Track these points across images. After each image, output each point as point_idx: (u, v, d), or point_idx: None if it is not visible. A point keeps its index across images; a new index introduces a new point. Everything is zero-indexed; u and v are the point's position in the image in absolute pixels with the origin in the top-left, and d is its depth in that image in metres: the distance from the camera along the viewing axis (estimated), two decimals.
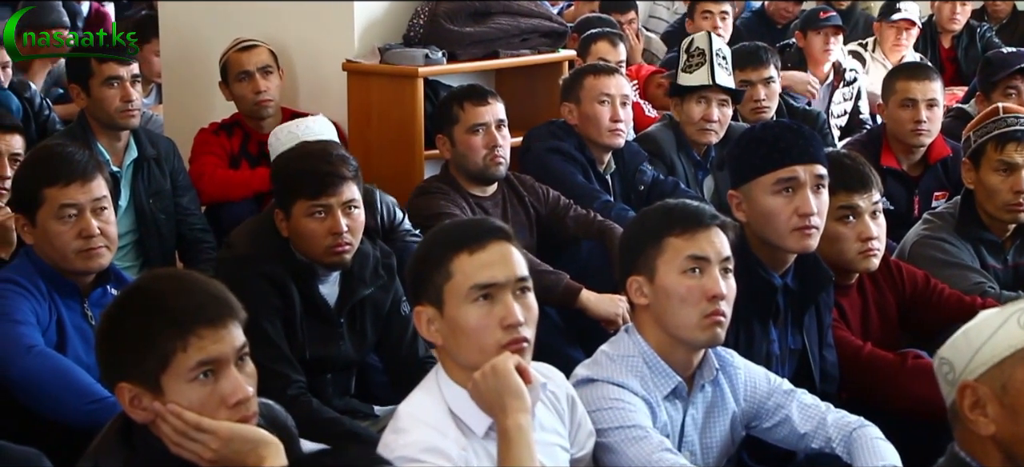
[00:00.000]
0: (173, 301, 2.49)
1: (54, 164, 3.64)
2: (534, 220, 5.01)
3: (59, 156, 3.67)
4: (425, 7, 5.56)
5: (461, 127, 4.85)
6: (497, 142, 4.85)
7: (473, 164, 4.86)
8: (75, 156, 3.66)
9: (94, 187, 3.63)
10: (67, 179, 3.60)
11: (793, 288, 3.67)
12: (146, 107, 6.19)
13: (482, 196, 4.92)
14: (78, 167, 3.62)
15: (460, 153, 4.88)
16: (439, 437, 2.73)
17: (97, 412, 3.29)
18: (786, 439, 3.34)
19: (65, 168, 3.61)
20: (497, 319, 2.76)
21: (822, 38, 7.44)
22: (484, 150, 4.84)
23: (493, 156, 4.85)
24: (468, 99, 4.88)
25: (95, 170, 3.66)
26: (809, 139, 3.63)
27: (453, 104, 4.90)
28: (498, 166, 4.88)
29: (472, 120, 4.84)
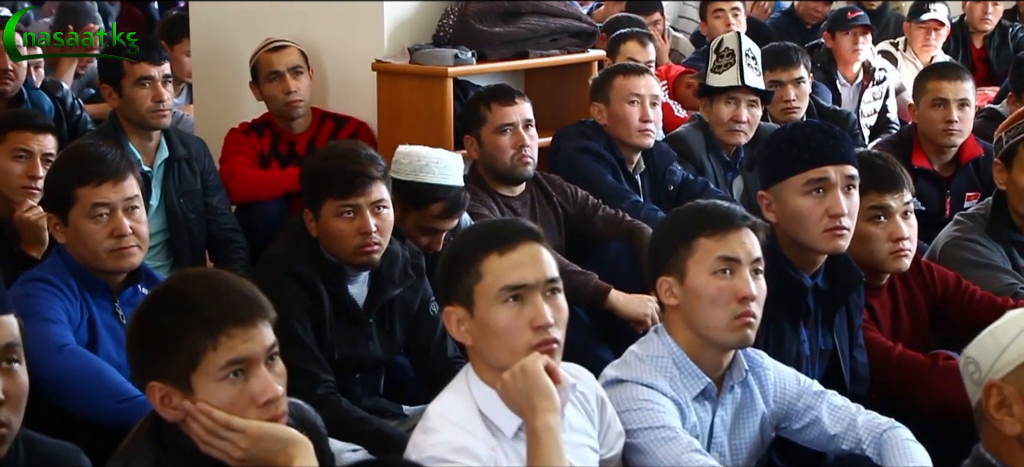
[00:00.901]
0: (204, 300, 2.49)
1: (86, 164, 3.65)
2: (562, 220, 5.01)
3: (91, 156, 3.68)
4: (455, 7, 5.57)
5: (488, 128, 4.86)
6: (524, 142, 4.85)
7: (501, 164, 4.87)
8: (107, 156, 3.68)
9: (126, 186, 3.65)
10: (99, 179, 3.61)
11: (824, 289, 3.65)
12: (177, 107, 6.21)
13: (511, 196, 4.92)
14: (110, 167, 3.63)
15: (488, 153, 4.88)
16: (468, 437, 2.73)
17: (128, 411, 3.31)
18: (816, 440, 3.33)
19: (98, 168, 3.63)
20: (527, 320, 2.76)
21: (850, 38, 7.41)
22: (512, 150, 4.85)
23: (521, 156, 4.86)
24: (495, 99, 4.89)
25: (127, 169, 3.68)
26: (840, 139, 3.62)
27: (480, 105, 4.91)
28: (526, 166, 4.88)
29: (499, 120, 4.85)
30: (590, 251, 4.94)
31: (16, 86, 5.72)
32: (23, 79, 5.78)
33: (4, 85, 5.67)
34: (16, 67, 5.69)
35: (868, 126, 7.26)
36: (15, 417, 2.52)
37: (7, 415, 2.49)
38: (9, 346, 2.52)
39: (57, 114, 6.01)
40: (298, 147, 5.43)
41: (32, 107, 5.66)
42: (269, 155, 5.44)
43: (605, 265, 4.77)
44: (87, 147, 3.78)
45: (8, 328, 2.53)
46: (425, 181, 4.29)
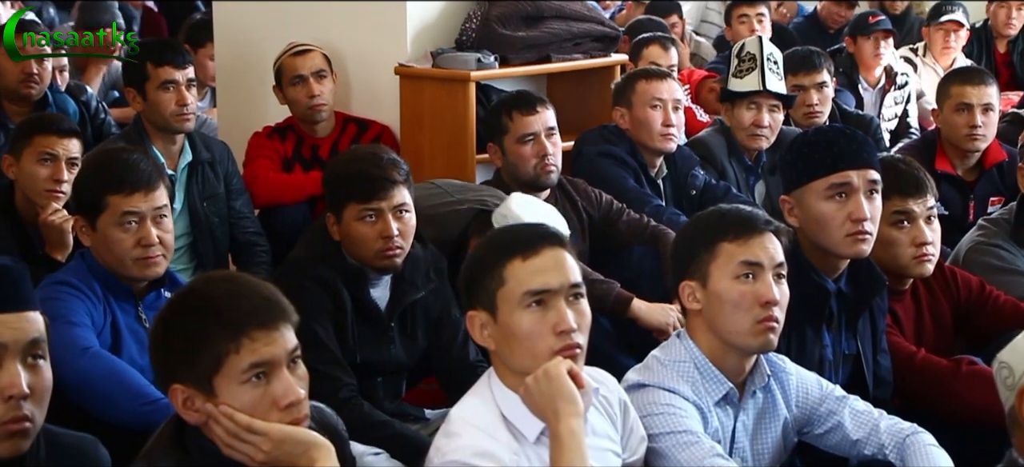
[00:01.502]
0: (226, 303, 2.50)
1: (119, 171, 3.65)
2: (586, 225, 5.00)
3: (124, 163, 3.68)
4: (477, 11, 5.57)
5: (511, 137, 4.86)
6: (547, 151, 4.85)
7: (524, 173, 4.87)
8: (140, 164, 3.68)
9: (157, 196, 3.66)
10: (132, 188, 3.62)
11: (846, 293, 3.65)
12: (201, 111, 6.23)
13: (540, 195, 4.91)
14: (143, 176, 3.64)
15: (511, 162, 4.89)
16: (491, 441, 2.73)
17: (150, 413, 3.31)
18: (838, 445, 3.32)
19: (130, 176, 3.63)
20: (550, 325, 2.76)
21: (872, 42, 7.40)
22: (534, 159, 4.85)
23: (544, 165, 4.86)
24: (517, 109, 4.88)
25: (158, 179, 3.68)
26: (862, 144, 3.61)
27: (502, 114, 4.91)
28: (549, 174, 4.88)
29: (521, 130, 4.85)
30: (613, 256, 4.94)
31: (41, 90, 5.74)
32: (48, 83, 5.80)
33: (29, 89, 5.69)
34: (41, 71, 5.71)
35: (889, 131, 7.24)
36: (39, 412, 2.54)
37: (31, 409, 2.51)
38: (35, 342, 2.54)
39: (81, 118, 6.03)
40: (321, 151, 5.45)
41: (57, 111, 5.68)
42: (292, 159, 5.45)
43: (628, 270, 4.77)
44: (120, 154, 3.78)
45: (34, 324, 2.55)
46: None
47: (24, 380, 2.49)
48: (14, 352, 2.50)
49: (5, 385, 2.47)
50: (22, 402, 2.48)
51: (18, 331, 2.51)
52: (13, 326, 2.51)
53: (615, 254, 4.95)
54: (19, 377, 2.49)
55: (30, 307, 2.56)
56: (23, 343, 2.51)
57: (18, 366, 2.50)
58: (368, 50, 5.67)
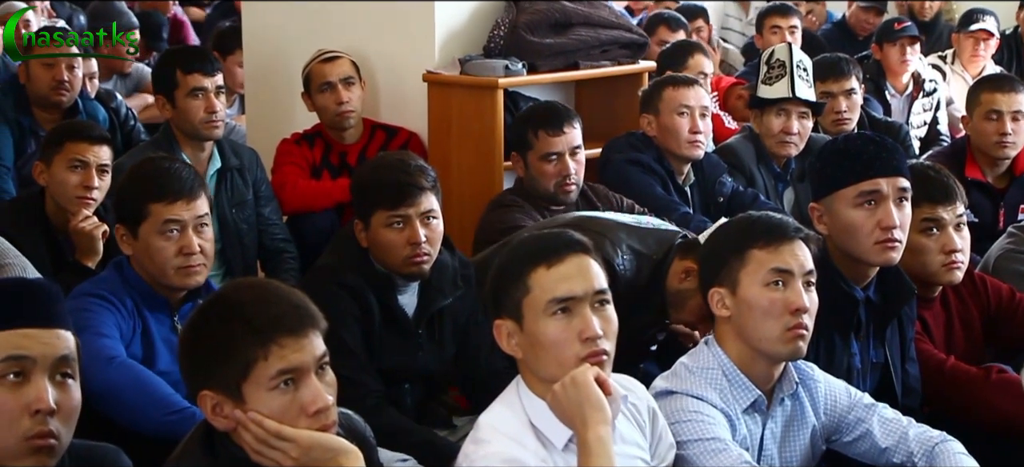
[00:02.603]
0: (255, 310, 2.51)
1: (162, 180, 3.67)
2: None
3: (167, 172, 3.70)
4: (505, 18, 5.57)
5: (535, 153, 4.85)
6: (569, 171, 4.83)
7: (544, 189, 4.86)
8: (182, 173, 3.71)
9: (198, 205, 3.68)
10: (174, 196, 3.64)
11: (875, 301, 3.64)
12: (229, 118, 6.26)
13: (556, 209, 4.91)
14: (185, 185, 3.66)
15: (532, 177, 4.88)
16: (519, 449, 2.73)
17: (176, 423, 3.33)
18: (867, 453, 3.31)
19: (173, 185, 3.65)
20: (575, 332, 2.76)
21: (899, 49, 7.37)
22: (556, 179, 4.84)
23: (564, 185, 4.85)
24: (543, 127, 4.84)
25: (200, 188, 3.71)
26: (892, 151, 3.60)
27: (528, 129, 4.88)
28: (568, 195, 4.87)
29: (546, 149, 4.83)
30: None
31: (72, 97, 5.78)
32: (78, 90, 5.83)
33: (60, 96, 5.73)
34: (72, 78, 5.75)
35: (918, 138, 7.21)
36: (66, 430, 2.53)
37: (58, 427, 2.50)
38: (64, 359, 2.53)
39: (111, 124, 6.06)
40: (349, 158, 5.46)
41: (87, 118, 5.72)
42: (321, 166, 5.46)
43: None
44: (162, 163, 3.80)
45: (64, 341, 2.54)
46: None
47: (51, 396, 2.48)
48: (43, 367, 2.49)
49: (32, 399, 2.47)
50: (49, 418, 2.47)
51: (48, 346, 2.51)
52: (43, 341, 2.51)
53: None
54: (46, 392, 2.48)
55: (62, 325, 2.56)
56: (52, 359, 2.51)
57: (46, 382, 2.49)
58: (396, 57, 5.68)
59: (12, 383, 2.47)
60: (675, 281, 4.18)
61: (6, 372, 2.47)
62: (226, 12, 9.69)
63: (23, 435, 2.47)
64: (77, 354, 2.57)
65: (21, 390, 2.47)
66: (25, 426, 2.47)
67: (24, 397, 2.47)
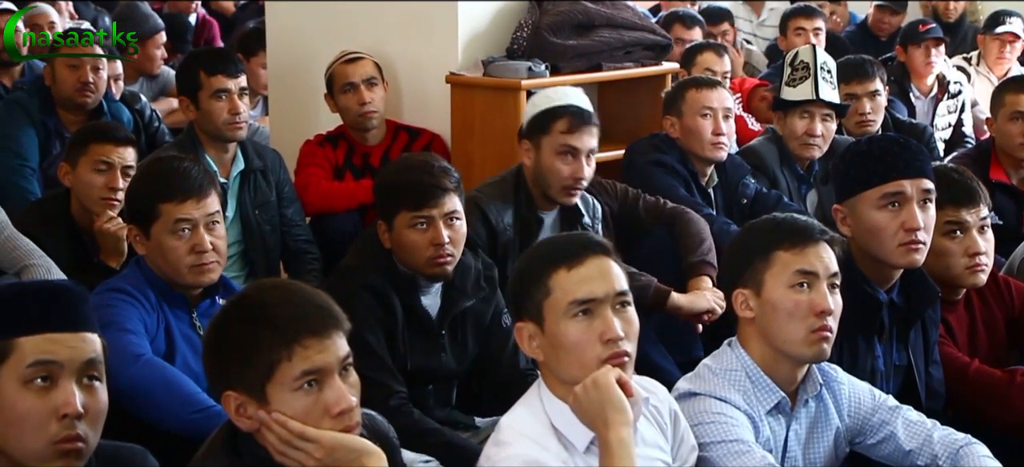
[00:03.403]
0: (278, 311, 2.52)
1: (171, 179, 3.68)
2: (608, 216, 4.96)
3: (176, 171, 3.71)
4: (529, 20, 5.58)
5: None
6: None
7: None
8: (191, 172, 3.71)
9: (208, 203, 3.69)
10: (184, 195, 3.65)
11: (899, 303, 3.63)
12: (253, 119, 6.27)
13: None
14: (194, 184, 3.67)
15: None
16: (540, 451, 2.73)
17: (202, 421, 3.33)
18: (891, 456, 3.30)
19: (182, 184, 3.66)
20: (597, 334, 2.76)
21: (923, 51, 7.34)
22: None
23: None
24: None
25: (210, 186, 3.71)
26: (916, 153, 3.59)
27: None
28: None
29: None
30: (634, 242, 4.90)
31: (97, 99, 5.80)
32: (103, 91, 5.86)
33: (85, 97, 5.75)
34: (97, 80, 5.77)
35: (942, 140, 7.19)
36: (93, 433, 2.53)
37: (86, 430, 2.51)
38: (91, 362, 2.54)
39: (136, 126, 6.08)
40: (372, 159, 5.46)
41: (111, 119, 5.74)
42: (343, 167, 5.47)
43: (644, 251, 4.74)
44: (172, 162, 3.81)
45: (91, 344, 2.55)
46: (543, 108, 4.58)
47: (79, 400, 2.49)
48: (70, 371, 2.50)
49: (60, 403, 2.48)
50: (76, 422, 2.48)
51: (74, 350, 2.52)
52: (70, 345, 2.52)
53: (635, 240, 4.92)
54: (74, 396, 2.49)
55: (88, 328, 2.56)
56: (79, 363, 2.52)
57: (73, 386, 2.50)
58: (419, 58, 5.68)
59: (40, 388, 2.49)
60: None
61: (34, 377, 2.48)
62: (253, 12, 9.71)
63: (51, 439, 2.48)
64: (103, 356, 2.58)
65: (49, 394, 2.49)
66: (53, 430, 2.48)
67: (52, 401, 2.48)
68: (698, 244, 4.77)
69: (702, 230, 4.82)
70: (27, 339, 2.49)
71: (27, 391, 2.48)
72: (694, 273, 4.70)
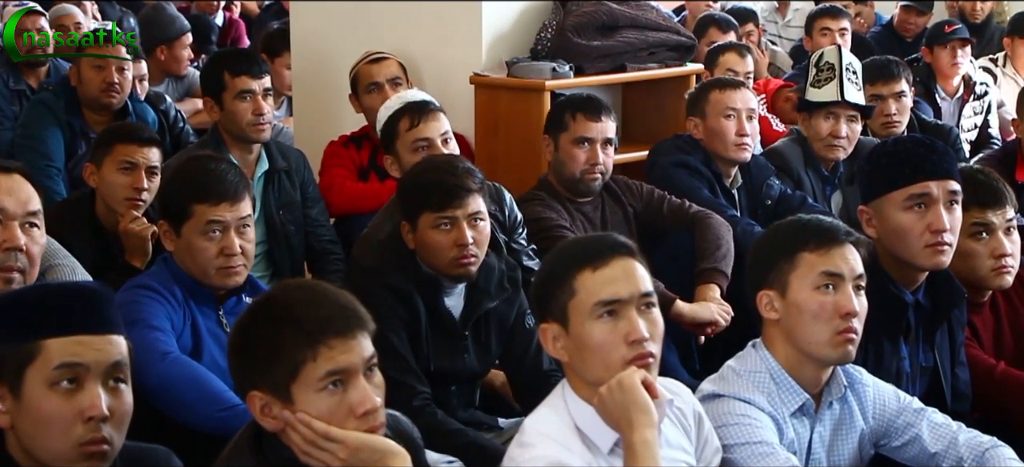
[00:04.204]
0: (303, 312, 2.52)
1: (207, 181, 3.70)
2: (632, 218, 4.99)
3: (212, 173, 3.73)
4: (553, 21, 5.58)
5: (568, 135, 4.86)
6: (598, 159, 4.84)
7: (569, 174, 4.87)
8: (228, 174, 3.73)
9: (242, 206, 3.70)
10: (218, 198, 3.66)
11: (925, 305, 3.62)
12: (277, 120, 6.29)
13: (582, 200, 4.93)
14: (230, 187, 3.68)
15: (560, 160, 4.89)
16: (564, 452, 2.73)
17: (228, 419, 3.34)
18: (916, 458, 3.29)
19: (218, 186, 3.68)
20: (622, 335, 2.75)
21: (949, 52, 7.32)
22: (585, 165, 4.84)
23: (591, 172, 4.86)
24: (581, 110, 4.87)
25: (244, 190, 3.73)
26: (942, 154, 3.58)
27: (566, 111, 4.90)
28: (593, 183, 4.88)
29: (580, 132, 4.84)
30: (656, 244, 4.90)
31: (122, 99, 5.82)
32: (128, 92, 5.88)
33: (110, 98, 5.78)
34: (122, 80, 5.79)
35: (969, 141, 7.16)
36: (118, 435, 2.54)
37: (110, 432, 2.51)
38: (117, 365, 2.55)
39: (160, 126, 6.10)
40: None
41: (136, 120, 5.76)
42: (368, 167, 5.47)
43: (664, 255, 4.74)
44: (208, 163, 3.82)
45: (117, 347, 2.56)
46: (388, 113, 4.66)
47: (104, 402, 2.50)
48: (96, 374, 2.51)
49: (86, 406, 2.49)
50: (102, 424, 2.49)
51: (101, 353, 2.53)
52: (96, 348, 2.52)
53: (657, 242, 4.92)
54: (99, 399, 2.50)
55: (114, 330, 2.57)
56: (105, 365, 2.53)
57: (99, 388, 2.51)
58: (443, 59, 5.69)
59: (66, 390, 2.50)
60: None
61: (60, 379, 2.49)
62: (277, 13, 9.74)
63: (76, 441, 2.49)
64: (129, 358, 2.59)
65: (75, 397, 2.50)
66: (78, 433, 2.49)
67: (78, 404, 2.49)
68: (713, 250, 4.77)
69: (721, 236, 4.81)
70: (54, 341, 2.50)
71: (53, 393, 2.49)
72: (703, 280, 4.70)
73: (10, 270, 3.20)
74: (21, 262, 3.21)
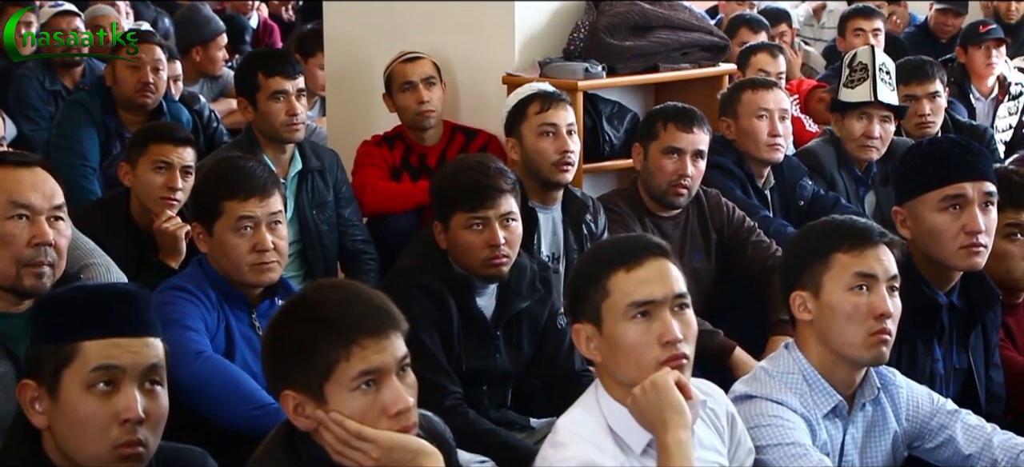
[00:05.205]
0: (337, 311, 2.53)
1: (235, 178, 3.72)
2: (714, 243, 4.92)
3: (241, 170, 3.75)
4: (585, 21, 5.57)
5: (657, 145, 4.76)
6: (687, 172, 4.73)
7: (656, 185, 4.79)
8: (256, 171, 3.75)
9: (271, 202, 3.71)
10: (248, 193, 3.68)
11: (959, 306, 3.60)
12: (310, 120, 6.31)
13: (665, 216, 4.85)
14: (259, 182, 3.70)
15: (648, 170, 4.80)
16: (597, 453, 2.73)
17: (261, 418, 3.36)
18: (950, 460, 3.27)
19: (246, 182, 3.69)
20: (655, 336, 2.75)
21: (983, 52, 7.28)
22: (672, 177, 4.74)
23: (679, 185, 4.75)
24: (674, 120, 4.77)
25: (274, 186, 3.75)
26: (978, 155, 3.56)
27: (658, 120, 4.82)
28: (680, 197, 4.78)
29: (670, 143, 4.74)
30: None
31: (156, 99, 5.85)
32: (163, 92, 5.91)
33: (145, 98, 5.81)
34: (157, 80, 5.82)
35: (1003, 142, 7.12)
36: (153, 438, 2.56)
37: (146, 435, 2.53)
38: (153, 367, 2.56)
39: (194, 126, 6.14)
40: (429, 160, 5.47)
41: (171, 120, 5.79)
42: (401, 167, 5.49)
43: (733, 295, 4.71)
44: (236, 161, 3.85)
45: (154, 349, 2.58)
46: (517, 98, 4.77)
47: (140, 405, 2.52)
48: (132, 376, 2.53)
49: (121, 409, 2.50)
50: (137, 427, 2.51)
51: (137, 355, 2.54)
52: (133, 350, 2.54)
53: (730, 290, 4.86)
54: (135, 402, 2.51)
55: (151, 333, 2.59)
56: (142, 368, 2.54)
57: (135, 391, 2.52)
58: (476, 59, 5.69)
59: (102, 392, 2.51)
60: None
61: (96, 381, 2.51)
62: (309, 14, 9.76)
63: (112, 444, 2.51)
64: (165, 360, 2.60)
65: (111, 399, 2.51)
66: (114, 435, 2.51)
67: (114, 406, 2.51)
68: None
69: None
70: (91, 343, 2.52)
71: (89, 395, 2.51)
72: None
73: (40, 265, 3.21)
74: (50, 257, 3.23)
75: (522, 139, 4.77)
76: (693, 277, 4.78)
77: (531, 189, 4.68)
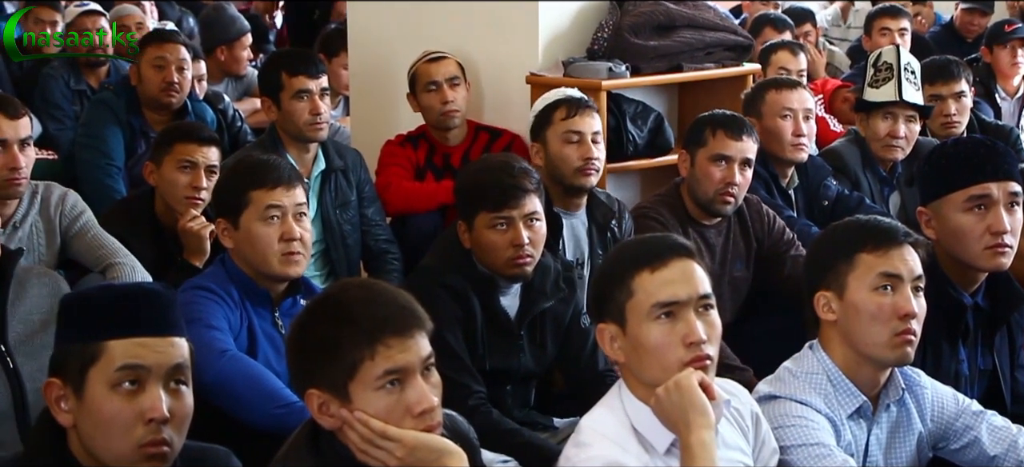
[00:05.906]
0: (362, 311, 2.53)
1: (260, 168, 3.75)
2: (754, 252, 4.88)
3: (265, 162, 3.80)
4: (609, 20, 5.57)
5: (705, 152, 4.69)
6: (734, 180, 4.65)
7: (703, 192, 4.71)
8: (280, 163, 3.80)
9: (296, 193, 3.74)
10: (274, 183, 3.70)
11: (984, 307, 3.59)
12: (334, 119, 6.32)
13: (706, 224, 4.79)
14: (284, 173, 3.74)
15: (695, 176, 4.73)
16: (621, 453, 2.73)
17: (285, 417, 3.37)
18: (975, 461, 3.26)
19: (272, 173, 3.72)
20: (679, 336, 2.75)
21: (1009, 52, 7.25)
22: (719, 185, 4.67)
23: (726, 193, 4.67)
24: (723, 128, 4.70)
25: (297, 179, 3.78)
26: (1003, 156, 3.55)
27: (706, 126, 4.74)
28: (726, 206, 4.71)
29: (718, 150, 4.67)
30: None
31: (181, 99, 5.87)
32: (187, 91, 5.93)
33: (170, 97, 5.82)
34: (182, 80, 5.84)
35: None
36: (178, 437, 2.56)
37: (170, 434, 2.54)
38: (179, 367, 2.57)
39: (219, 126, 6.15)
40: (453, 159, 5.48)
41: (196, 119, 5.81)
42: (424, 167, 5.49)
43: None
44: (258, 155, 3.88)
45: (179, 349, 2.58)
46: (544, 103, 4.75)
47: (165, 404, 2.52)
48: (157, 376, 2.54)
49: (147, 408, 2.51)
50: (162, 426, 2.52)
51: (163, 355, 2.55)
52: (158, 350, 2.55)
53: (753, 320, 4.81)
54: (160, 401, 2.52)
55: (177, 332, 2.59)
56: (167, 367, 2.55)
57: (160, 390, 2.53)
58: (500, 59, 5.69)
59: (127, 391, 2.52)
60: None
61: (122, 381, 2.52)
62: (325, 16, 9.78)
63: (137, 443, 2.51)
64: (190, 359, 2.61)
65: (136, 399, 2.52)
66: (139, 434, 2.51)
67: (139, 405, 2.51)
68: None
69: None
70: (116, 342, 2.53)
71: (115, 394, 2.52)
72: None
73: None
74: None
75: (547, 144, 4.75)
76: (731, 286, 4.77)
77: (554, 195, 4.66)
